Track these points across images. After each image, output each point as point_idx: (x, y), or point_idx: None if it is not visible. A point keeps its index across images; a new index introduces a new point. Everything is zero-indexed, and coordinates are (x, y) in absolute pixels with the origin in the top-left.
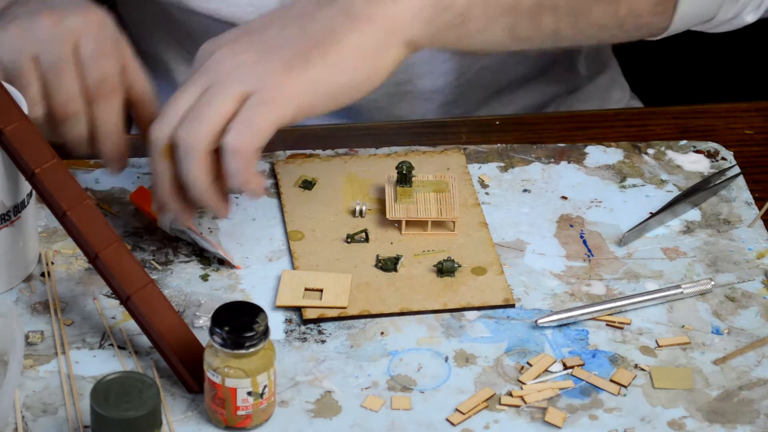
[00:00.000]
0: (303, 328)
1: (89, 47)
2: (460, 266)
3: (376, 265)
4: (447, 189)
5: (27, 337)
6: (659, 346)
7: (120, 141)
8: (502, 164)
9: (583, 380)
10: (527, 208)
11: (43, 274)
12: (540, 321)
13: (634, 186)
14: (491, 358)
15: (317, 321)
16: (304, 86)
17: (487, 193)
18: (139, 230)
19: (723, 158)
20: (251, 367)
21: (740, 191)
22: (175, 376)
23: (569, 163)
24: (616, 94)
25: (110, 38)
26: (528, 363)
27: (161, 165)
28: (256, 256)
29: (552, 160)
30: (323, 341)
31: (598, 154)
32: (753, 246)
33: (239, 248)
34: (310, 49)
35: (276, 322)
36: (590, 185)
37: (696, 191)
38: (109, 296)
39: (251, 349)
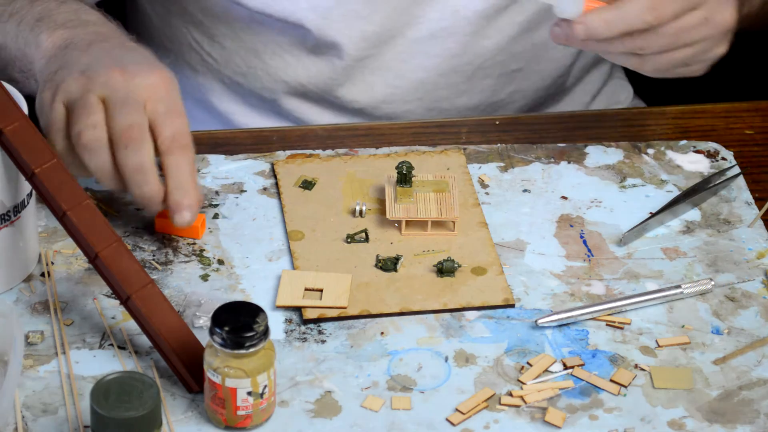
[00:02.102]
0: (303, 328)
1: (162, 106)
2: (460, 266)
3: (376, 265)
4: (447, 189)
5: (27, 337)
6: (659, 346)
7: (191, 191)
8: (502, 164)
9: (583, 380)
10: (527, 208)
11: (43, 274)
12: (540, 321)
13: (634, 186)
14: (491, 358)
15: (317, 321)
16: None
17: (487, 193)
18: (139, 230)
19: (723, 158)
20: (251, 367)
21: (740, 191)
22: (175, 376)
23: (569, 163)
24: (621, 96)
25: (178, 97)
26: (528, 363)
27: None
28: (256, 256)
29: (552, 160)
30: (323, 341)
31: (598, 154)
32: (753, 246)
33: (239, 248)
34: None
35: (276, 322)
36: (590, 185)
37: (696, 191)
38: (109, 296)
39: (251, 349)
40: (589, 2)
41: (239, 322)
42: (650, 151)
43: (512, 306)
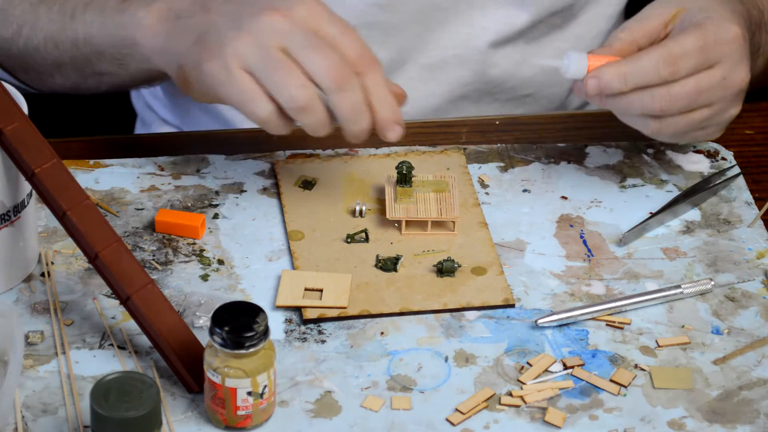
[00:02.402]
0: (303, 328)
1: (332, 28)
2: (460, 266)
3: (376, 265)
4: (447, 189)
5: (27, 337)
6: (659, 346)
7: (395, 105)
8: (502, 164)
9: (583, 380)
10: (527, 208)
11: (43, 274)
12: (540, 321)
13: (634, 186)
14: (491, 358)
15: (317, 321)
16: None
17: (487, 193)
18: (139, 230)
19: (723, 158)
20: (251, 367)
21: (740, 191)
22: (175, 376)
23: (569, 163)
24: None
25: (334, 13)
26: (528, 363)
27: None
28: (256, 256)
29: (552, 160)
30: (323, 341)
31: (598, 154)
32: (753, 246)
33: (239, 248)
34: None
35: (276, 322)
36: (590, 185)
37: (696, 191)
38: (109, 296)
39: (251, 349)
40: (594, 60)
41: (239, 322)
42: (650, 151)
43: (512, 306)
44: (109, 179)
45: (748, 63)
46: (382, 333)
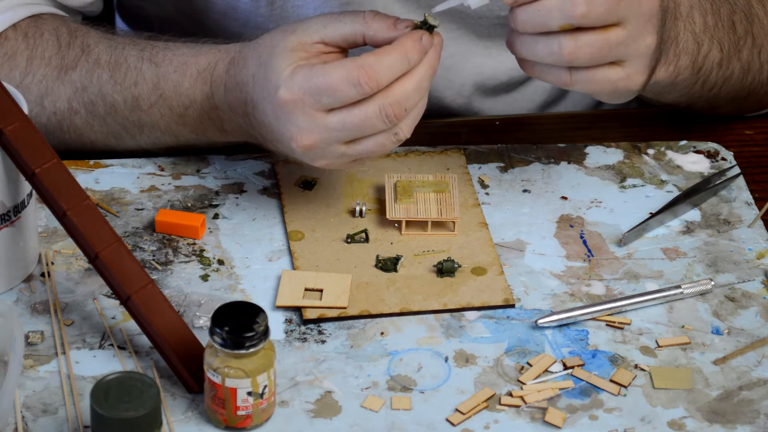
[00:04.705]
0: (303, 328)
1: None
2: (460, 266)
3: (376, 266)
4: (447, 189)
5: (27, 337)
6: (659, 346)
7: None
8: (502, 164)
9: (583, 380)
10: (527, 208)
11: (43, 274)
12: (540, 321)
13: (634, 186)
14: (491, 358)
15: (317, 321)
16: None
17: (487, 193)
18: (139, 230)
19: (723, 158)
20: (251, 367)
21: (740, 191)
22: (175, 376)
23: (569, 163)
24: None
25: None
26: (528, 363)
27: None
28: (256, 256)
29: (552, 160)
30: (323, 341)
31: (598, 154)
32: (753, 246)
33: (239, 248)
34: None
35: (276, 322)
36: (590, 185)
37: (696, 191)
38: (109, 296)
39: (251, 349)
40: None
41: (239, 322)
42: (650, 151)
43: (512, 306)
44: (109, 179)
45: (654, 32)
46: (382, 333)
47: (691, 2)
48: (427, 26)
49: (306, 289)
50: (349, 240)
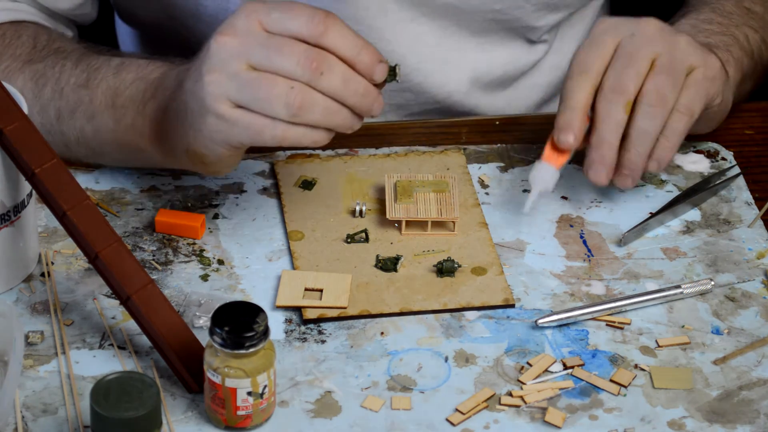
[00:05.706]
0: (303, 328)
1: (275, 15)
2: (460, 266)
3: (376, 265)
4: (447, 189)
5: (27, 337)
6: (659, 346)
7: (367, 45)
8: (502, 164)
9: (583, 380)
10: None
11: (43, 274)
12: (540, 321)
13: (634, 186)
14: (491, 358)
15: (317, 321)
16: None
17: (487, 193)
18: (139, 230)
19: (723, 158)
20: (251, 367)
21: (740, 191)
22: (175, 376)
23: (569, 163)
24: None
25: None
26: (528, 363)
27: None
28: (256, 256)
29: None
30: (323, 341)
31: None
32: (753, 246)
33: (239, 248)
34: None
35: (276, 322)
36: (590, 185)
37: (696, 191)
38: (109, 296)
39: (251, 349)
40: (550, 159)
41: (239, 322)
42: None
43: (512, 306)
44: (109, 179)
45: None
46: (382, 333)
47: (699, 20)
48: (392, 73)
49: (306, 289)
50: (349, 240)
